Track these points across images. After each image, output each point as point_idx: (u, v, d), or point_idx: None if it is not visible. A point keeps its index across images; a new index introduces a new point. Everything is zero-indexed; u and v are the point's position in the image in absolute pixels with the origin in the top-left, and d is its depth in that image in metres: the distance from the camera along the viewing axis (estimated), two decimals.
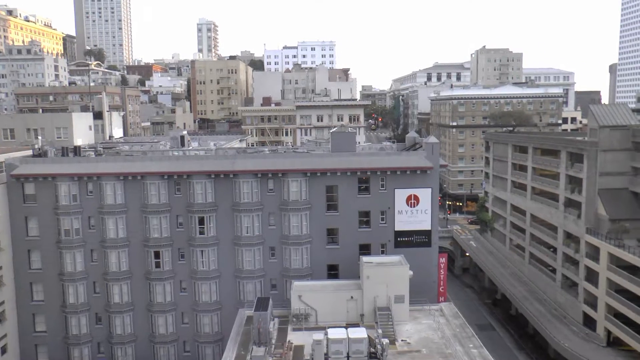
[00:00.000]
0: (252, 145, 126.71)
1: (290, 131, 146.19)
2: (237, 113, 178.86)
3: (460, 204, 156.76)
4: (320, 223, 62.03)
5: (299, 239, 61.46)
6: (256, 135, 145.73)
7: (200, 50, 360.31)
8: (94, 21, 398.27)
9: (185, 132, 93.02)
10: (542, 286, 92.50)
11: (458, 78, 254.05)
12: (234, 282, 62.66)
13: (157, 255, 62.48)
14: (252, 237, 61.75)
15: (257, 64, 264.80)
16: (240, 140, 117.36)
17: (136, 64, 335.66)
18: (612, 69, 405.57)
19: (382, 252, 61.92)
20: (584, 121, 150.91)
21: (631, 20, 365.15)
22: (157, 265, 62.67)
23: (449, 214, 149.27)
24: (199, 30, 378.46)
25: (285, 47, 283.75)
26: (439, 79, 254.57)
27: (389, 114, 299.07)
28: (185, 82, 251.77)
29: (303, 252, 61.77)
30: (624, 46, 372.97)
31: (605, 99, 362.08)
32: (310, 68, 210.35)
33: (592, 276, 76.40)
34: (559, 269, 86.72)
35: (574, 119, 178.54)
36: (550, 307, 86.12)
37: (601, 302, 73.66)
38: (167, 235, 62.33)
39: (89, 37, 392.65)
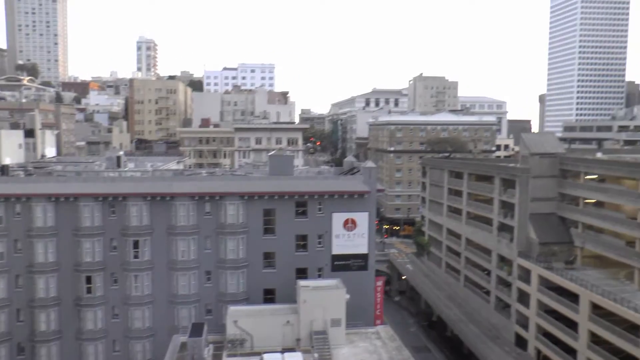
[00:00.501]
0: (190, 167, 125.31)
1: (229, 153, 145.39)
2: (175, 134, 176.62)
3: (397, 228, 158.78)
4: (257, 247, 61.71)
5: (236, 263, 60.93)
6: (194, 157, 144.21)
7: (139, 69, 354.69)
8: (27, 34, 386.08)
9: (121, 153, 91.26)
10: (477, 308, 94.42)
11: (396, 104, 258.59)
12: (168, 307, 61.31)
13: (88, 280, 60.24)
14: (187, 261, 60.76)
15: (196, 85, 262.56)
16: (178, 162, 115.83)
17: (72, 80, 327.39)
18: (542, 99, 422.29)
19: (319, 276, 61.97)
20: (516, 148, 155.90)
21: (558, 54, 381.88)
22: (89, 290, 60.38)
23: (386, 238, 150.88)
24: (139, 48, 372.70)
25: (225, 69, 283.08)
26: (377, 104, 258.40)
27: (327, 138, 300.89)
28: (123, 101, 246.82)
29: (239, 276, 61.23)
30: (552, 78, 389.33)
31: (535, 128, 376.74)
32: (250, 90, 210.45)
33: (523, 298, 78.69)
34: (492, 291, 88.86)
35: (506, 146, 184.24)
36: (485, 328, 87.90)
37: (532, 323, 75.85)
38: (100, 259, 60.35)
39: (21, 51, 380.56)
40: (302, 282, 55.57)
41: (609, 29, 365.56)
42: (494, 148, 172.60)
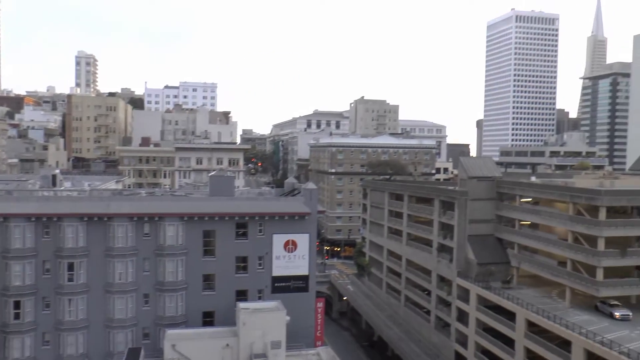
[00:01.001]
0: (129, 187, 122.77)
1: (169, 173, 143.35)
2: (114, 152, 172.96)
3: (338, 249, 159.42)
4: (197, 268, 60.83)
5: (175, 285, 59.81)
6: (134, 177, 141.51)
7: (78, 85, 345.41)
8: None
9: (57, 171, 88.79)
10: (417, 327, 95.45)
11: (337, 126, 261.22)
12: (103, 332, 59.15)
13: (17, 305, 56.91)
14: (125, 283, 59.10)
15: (137, 103, 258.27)
16: (117, 182, 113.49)
17: (5, 94, 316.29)
18: (479, 124, 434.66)
19: (259, 298, 61.61)
20: (455, 172, 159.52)
21: (494, 82, 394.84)
22: (17, 316, 57.07)
23: (327, 259, 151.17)
24: (77, 63, 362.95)
25: (166, 87, 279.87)
26: (318, 126, 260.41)
27: (268, 159, 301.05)
28: (61, 118, 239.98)
29: (178, 299, 60.07)
30: (488, 105, 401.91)
31: (473, 152, 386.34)
32: (191, 109, 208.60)
33: (463, 317, 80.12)
34: (432, 310, 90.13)
35: (446, 170, 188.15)
36: (425, 347, 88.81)
37: (471, 341, 77.19)
38: (31, 282, 57.47)
39: None
40: (242, 304, 55.11)
41: (540, 60, 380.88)
42: (433, 171, 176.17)
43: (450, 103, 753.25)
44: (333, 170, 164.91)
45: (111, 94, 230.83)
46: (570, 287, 67.88)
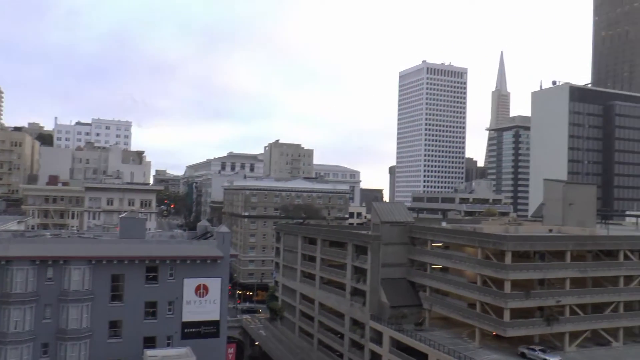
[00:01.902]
0: (33, 228, 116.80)
1: (77, 214, 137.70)
2: (17, 191, 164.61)
3: (251, 293, 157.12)
4: (103, 315, 58.07)
5: (78, 333, 56.62)
6: (39, 217, 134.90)
7: None
8: None
9: None
10: None
11: (252, 169, 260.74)
12: None
13: None
14: (21, 332, 54.96)
15: (46, 139, 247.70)
16: (19, 222, 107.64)
17: None
18: (392, 170, 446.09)
19: (168, 345, 59.46)
20: (368, 216, 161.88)
21: (406, 131, 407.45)
22: None
23: (239, 303, 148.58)
24: None
25: (78, 123, 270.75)
26: (233, 168, 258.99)
27: (182, 201, 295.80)
28: None
29: (81, 347, 56.83)
30: (401, 152, 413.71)
31: (386, 197, 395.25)
32: (104, 147, 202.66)
33: (376, 359, 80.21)
34: (346, 353, 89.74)
35: (359, 214, 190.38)
36: None
37: None
38: None
39: None
40: (149, 352, 53.05)
41: (450, 111, 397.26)
42: (347, 215, 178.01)
43: (364, 149, 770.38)
44: (247, 214, 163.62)
45: (17, 129, 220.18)
46: (480, 327, 69.95)
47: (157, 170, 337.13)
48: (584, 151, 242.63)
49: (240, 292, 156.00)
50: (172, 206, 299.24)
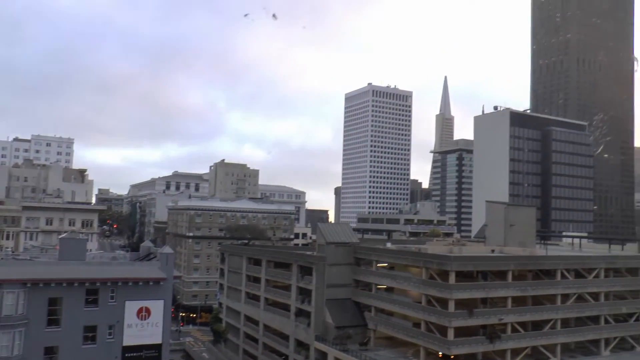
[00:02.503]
0: None
1: (13, 234, 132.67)
2: None
3: (194, 315, 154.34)
4: (38, 341, 55.56)
5: None
6: None
7: None
8: None
9: None
10: None
11: (197, 189, 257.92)
12: None
13: None
14: None
15: None
16: None
17: None
18: (338, 191, 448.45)
19: None
20: (314, 237, 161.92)
21: (352, 152, 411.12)
22: None
23: (182, 326, 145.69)
24: None
25: (16, 139, 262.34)
26: (177, 188, 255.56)
27: (125, 221, 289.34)
28: None
29: None
30: (347, 173, 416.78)
31: (332, 218, 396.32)
32: (44, 165, 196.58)
33: None
34: None
35: (304, 235, 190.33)
36: None
37: None
38: None
39: None
40: None
41: (395, 133, 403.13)
42: (292, 236, 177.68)
43: (310, 169, 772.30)
44: (191, 234, 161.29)
45: None
46: (424, 347, 70.52)
47: (100, 189, 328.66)
48: (524, 174, 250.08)
49: (184, 314, 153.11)
50: (115, 226, 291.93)
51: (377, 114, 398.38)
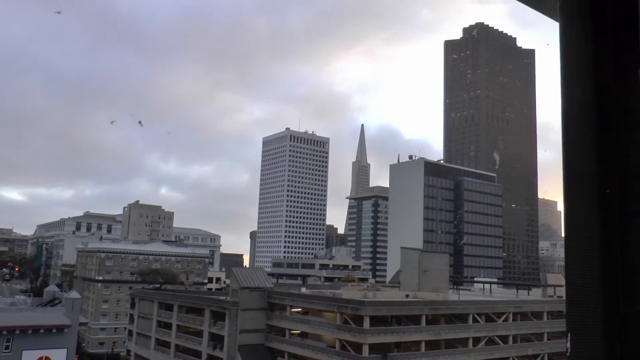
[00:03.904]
0: None
1: None
2: None
3: None
4: None
5: None
6: None
7: None
8: None
9: None
10: None
11: (109, 230, 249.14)
12: None
13: None
14: None
15: None
16: None
17: None
18: (253, 235, 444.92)
19: None
20: (228, 281, 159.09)
21: (268, 197, 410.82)
22: None
23: None
24: None
25: None
26: (89, 229, 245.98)
27: (28, 264, 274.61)
28: None
29: None
30: (262, 218, 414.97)
31: (247, 262, 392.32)
32: None
33: None
34: None
35: (218, 279, 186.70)
36: None
37: None
38: None
39: None
40: None
41: (312, 179, 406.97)
42: (206, 280, 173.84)
43: (226, 213, 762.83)
44: (101, 278, 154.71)
45: None
46: None
47: (2, 229, 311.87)
48: (438, 222, 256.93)
49: None
50: (17, 269, 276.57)
51: (295, 159, 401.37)
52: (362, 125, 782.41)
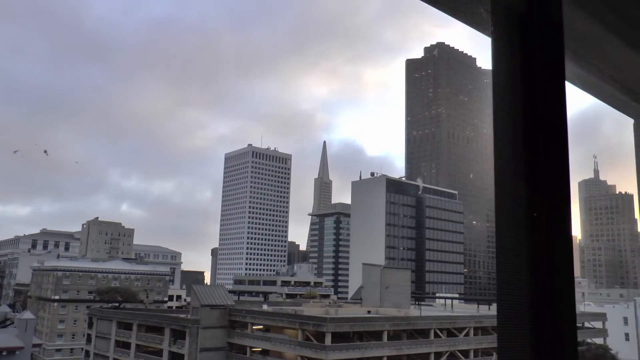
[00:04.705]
0: None
1: None
2: None
3: None
4: None
5: None
6: None
7: None
8: None
9: None
10: None
11: (67, 248, 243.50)
12: None
13: None
14: None
15: None
16: None
17: None
18: (214, 252, 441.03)
19: None
20: (189, 299, 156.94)
21: (230, 214, 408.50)
22: None
23: None
24: None
25: None
26: (45, 247, 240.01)
27: None
28: None
29: None
30: (224, 234, 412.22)
31: (208, 279, 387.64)
32: None
33: None
34: None
35: (179, 297, 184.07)
36: None
37: None
38: None
39: None
40: None
41: (274, 195, 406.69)
42: (166, 298, 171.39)
43: (187, 229, 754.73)
44: (57, 297, 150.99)
45: None
46: None
47: None
48: (400, 238, 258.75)
49: None
50: None
51: (257, 176, 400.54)
52: (325, 142, 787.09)
